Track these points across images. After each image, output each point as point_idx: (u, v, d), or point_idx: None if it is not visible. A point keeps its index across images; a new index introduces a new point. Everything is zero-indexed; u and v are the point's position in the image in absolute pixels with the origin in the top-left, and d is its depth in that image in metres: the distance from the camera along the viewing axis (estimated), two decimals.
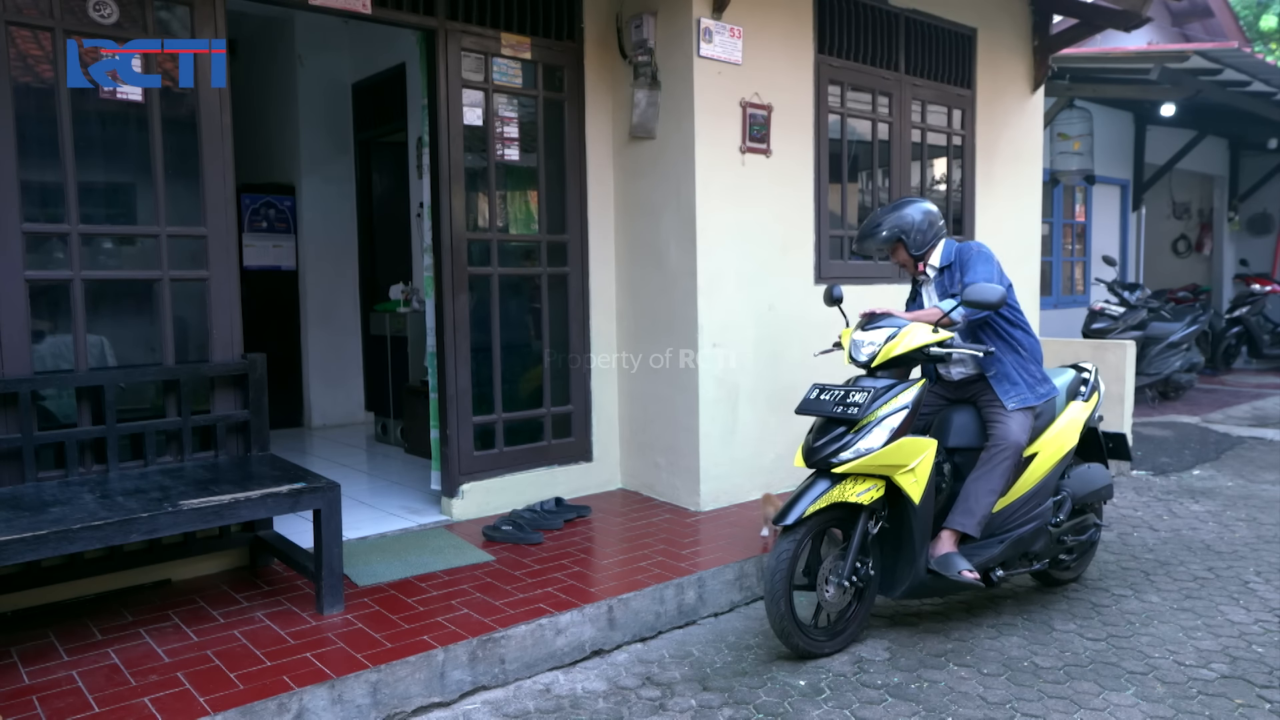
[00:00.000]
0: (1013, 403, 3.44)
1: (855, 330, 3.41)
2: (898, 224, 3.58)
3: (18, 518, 2.77)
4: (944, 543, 3.36)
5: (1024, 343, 3.55)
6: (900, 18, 5.37)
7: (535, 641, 3.14)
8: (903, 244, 3.59)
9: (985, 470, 3.37)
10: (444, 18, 4.20)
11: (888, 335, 3.28)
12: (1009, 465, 3.37)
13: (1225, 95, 8.51)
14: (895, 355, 3.26)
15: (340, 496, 3.24)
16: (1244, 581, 3.96)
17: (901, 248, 3.61)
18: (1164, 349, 8.47)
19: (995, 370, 3.49)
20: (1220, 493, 5.53)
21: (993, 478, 3.35)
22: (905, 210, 3.62)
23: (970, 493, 3.36)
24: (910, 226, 3.58)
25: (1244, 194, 12.38)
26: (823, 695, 2.96)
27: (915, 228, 3.57)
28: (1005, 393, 3.45)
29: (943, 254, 3.62)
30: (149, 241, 3.50)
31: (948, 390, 3.66)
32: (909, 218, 3.59)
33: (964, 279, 3.46)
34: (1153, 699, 2.92)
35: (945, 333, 3.32)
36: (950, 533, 3.36)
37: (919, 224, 3.58)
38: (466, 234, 4.36)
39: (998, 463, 3.36)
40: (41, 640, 3.02)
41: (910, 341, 3.26)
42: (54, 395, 3.45)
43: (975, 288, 3.23)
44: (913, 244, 3.58)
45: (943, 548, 3.35)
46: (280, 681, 2.69)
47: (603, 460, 4.91)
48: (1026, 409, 3.45)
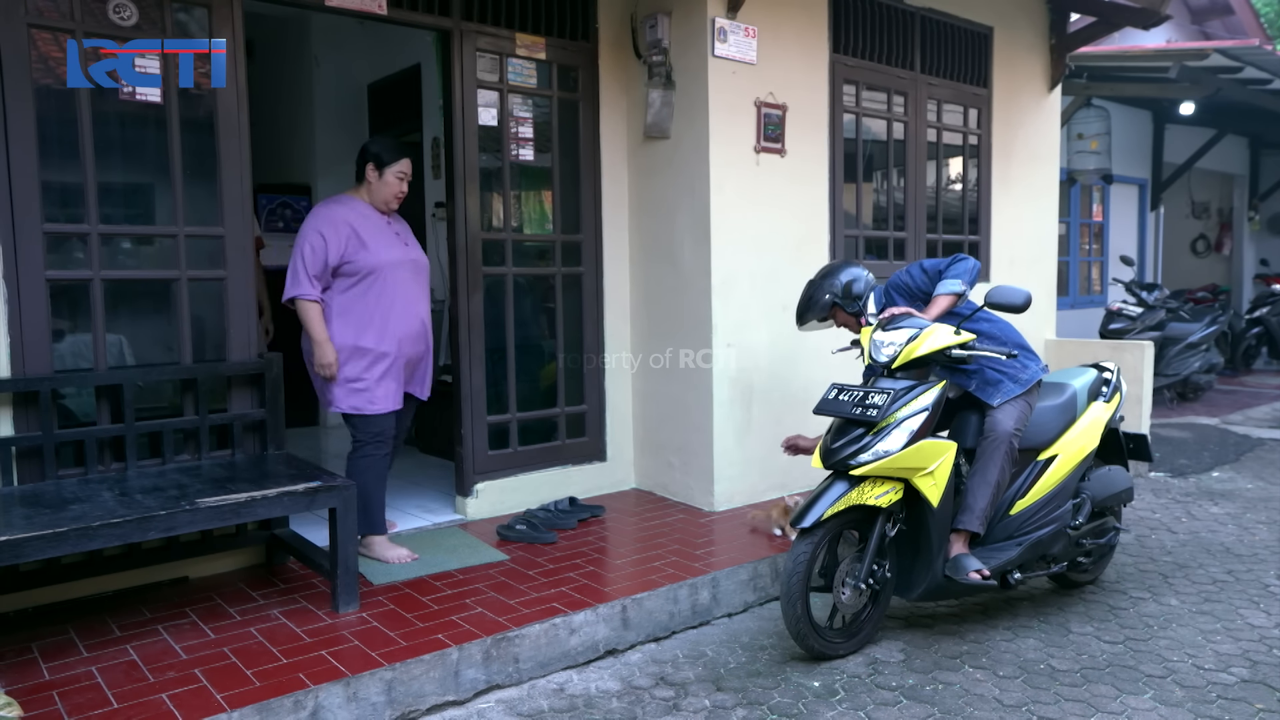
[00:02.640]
0: (997, 399, 3.42)
1: (875, 330, 3.37)
2: (829, 290, 3.63)
3: (38, 515, 2.80)
4: (954, 544, 3.34)
5: (991, 334, 3.49)
6: (916, 17, 5.35)
7: (549, 641, 3.14)
8: (838, 307, 3.63)
9: (979, 465, 3.36)
10: (459, 18, 4.21)
11: (909, 336, 3.23)
12: (1002, 456, 3.33)
13: (1245, 93, 8.42)
14: (916, 357, 3.21)
15: (356, 495, 3.26)
16: (1264, 585, 3.92)
17: (839, 310, 3.65)
18: (1182, 350, 8.39)
19: (975, 381, 3.47)
20: (1240, 495, 5.48)
21: (987, 471, 3.33)
22: (832, 278, 3.66)
23: (968, 489, 3.35)
24: (839, 290, 3.62)
25: (1264, 193, 12.25)
26: (837, 696, 2.95)
27: (845, 290, 3.61)
28: (989, 396, 3.43)
29: (875, 299, 3.63)
30: (167, 241, 3.53)
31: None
32: (837, 283, 3.63)
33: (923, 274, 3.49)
34: (1171, 703, 2.89)
35: (967, 334, 3.27)
36: (958, 534, 3.35)
37: (846, 286, 3.61)
38: (481, 234, 4.38)
39: (989, 455, 3.34)
40: (62, 636, 3.05)
41: (932, 343, 3.21)
42: (74, 394, 3.49)
43: (1000, 290, 3.22)
44: (847, 305, 3.62)
45: (953, 549, 3.33)
46: (296, 679, 2.71)
47: (616, 460, 4.92)
48: (1012, 399, 3.42)
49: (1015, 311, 3.21)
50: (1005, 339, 3.50)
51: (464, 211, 4.30)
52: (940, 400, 3.21)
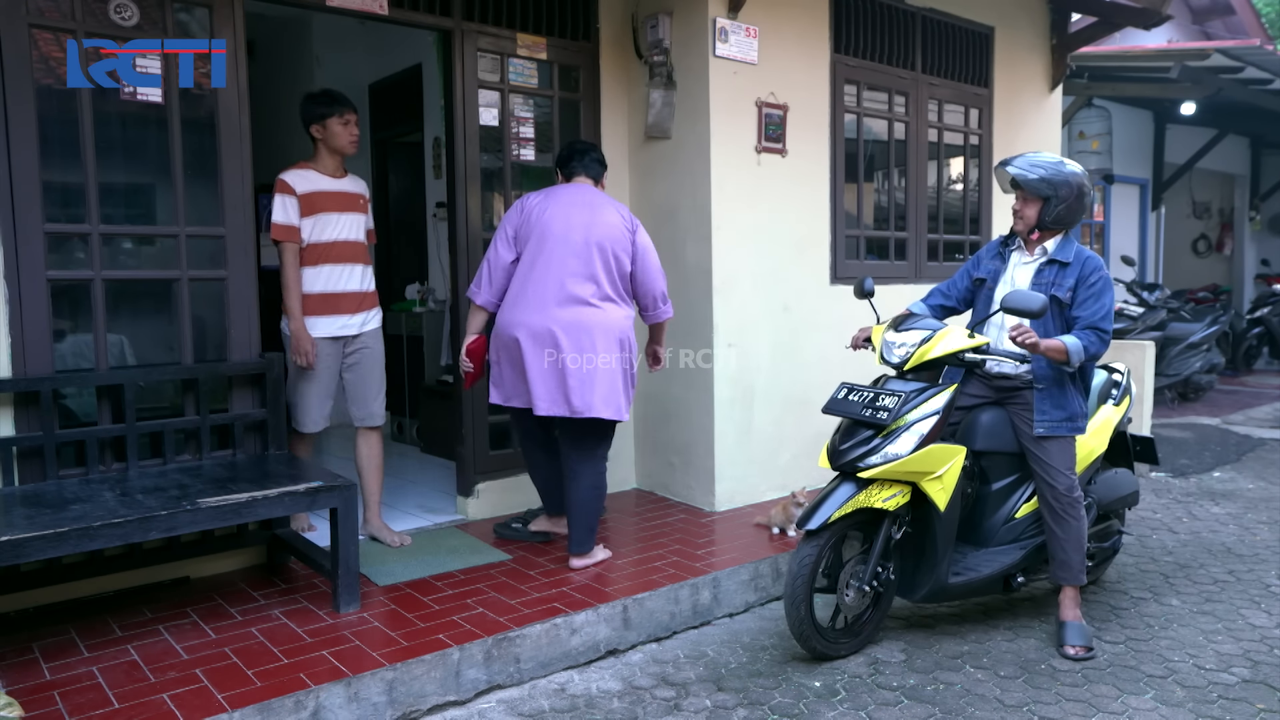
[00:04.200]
0: (1042, 428, 3.23)
1: (888, 330, 3.32)
2: (1056, 179, 3.22)
3: (39, 515, 2.80)
4: (1065, 608, 3.32)
5: (1090, 374, 3.38)
6: (917, 17, 5.35)
7: (550, 641, 3.14)
8: (1044, 202, 3.24)
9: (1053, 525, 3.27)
10: (460, 18, 4.21)
11: (922, 338, 3.18)
12: (1073, 510, 3.24)
13: (1247, 93, 8.42)
14: (929, 359, 3.17)
15: (357, 495, 3.25)
16: (1265, 585, 3.92)
17: (1038, 205, 3.25)
18: (1184, 350, 8.38)
19: (1044, 387, 3.24)
20: (1241, 495, 5.47)
21: (1063, 527, 3.25)
22: (1069, 174, 3.24)
23: (1054, 548, 3.29)
24: (1067, 193, 3.22)
25: (1265, 193, 12.24)
26: (838, 696, 2.95)
27: (1068, 198, 3.22)
28: (1043, 413, 3.23)
29: (1061, 246, 3.28)
30: (168, 241, 3.53)
31: (981, 387, 3.44)
32: (1070, 183, 3.22)
33: (1086, 306, 3.18)
34: (1172, 703, 2.89)
35: (981, 339, 3.22)
36: (1069, 592, 3.33)
37: (1073, 197, 3.23)
38: (483, 233, 4.37)
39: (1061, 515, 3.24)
40: (63, 636, 3.05)
41: (946, 346, 3.16)
42: (75, 394, 3.49)
43: (1016, 294, 3.07)
44: (1050, 212, 3.24)
45: (1065, 614, 3.31)
46: (297, 679, 2.71)
47: (618, 460, 4.90)
48: (1061, 440, 3.25)
49: (1032, 317, 3.07)
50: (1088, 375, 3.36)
51: (465, 211, 4.30)
52: (951, 404, 3.17)
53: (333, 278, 3.77)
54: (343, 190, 3.83)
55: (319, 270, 3.74)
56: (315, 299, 3.74)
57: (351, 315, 3.84)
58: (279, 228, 3.67)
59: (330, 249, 3.76)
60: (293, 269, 3.68)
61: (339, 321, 3.80)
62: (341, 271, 3.79)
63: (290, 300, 3.68)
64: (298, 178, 3.73)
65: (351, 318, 3.84)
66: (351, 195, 3.86)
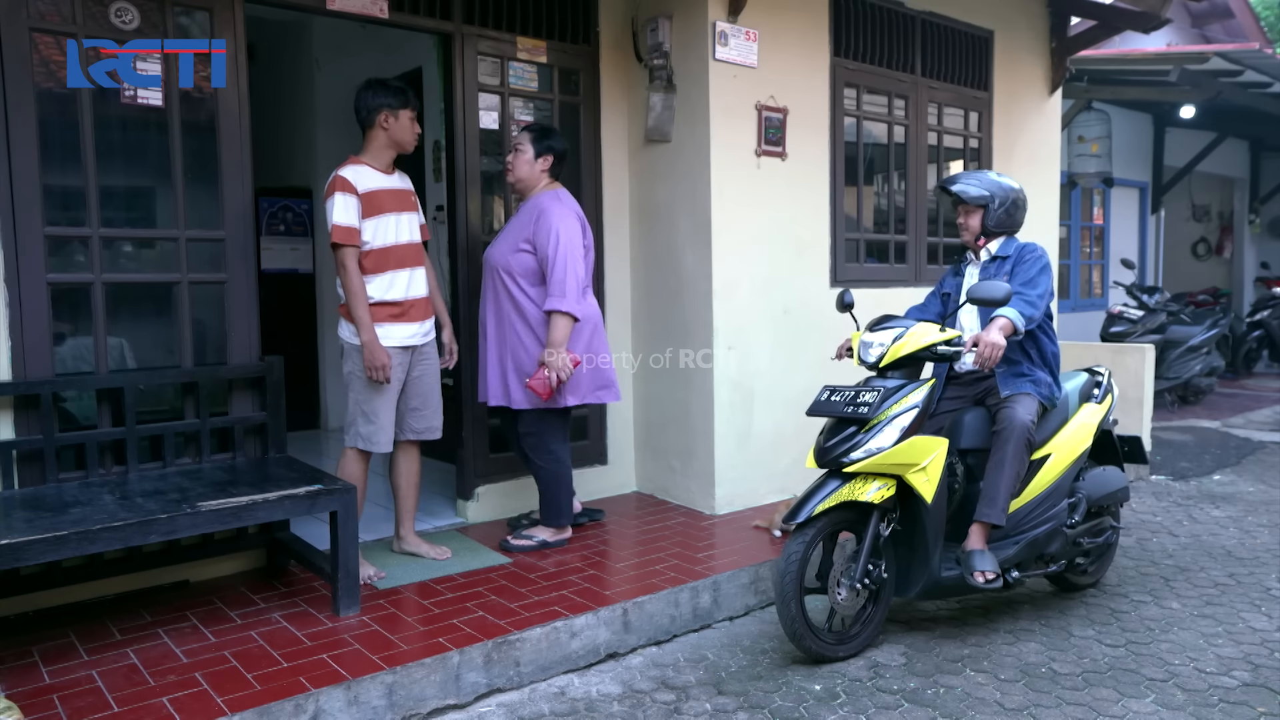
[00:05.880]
0: (1007, 390, 3.47)
1: (864, 332, 3.42)
2: (992, 187, 3.60)
3: (39, 518, 2.80)
4: (973, 538, 3.35)
5: (1047, 350, 3.57)
6: (917, 20, 5.36)
7: (550, 644, 3.14)
8: (984, 210, 3.59)
9: (996, 457, 3.36)
10: (460, 22, 4.21)
11: (895, 335, 3.29)
12: (1019, 445, 3.33)
13: (1246, 97, 8.43)
14: (903, 355, 3.26)
15: (357, 498, 3.25)
16: (1266, 588, 3.92)
17: (979, 213, 3.61)
18: (1184, 353, 8.38)
19: (1004, 369, 3.50)
20: (1241, 498, 5.47)
21: (1004, 461, 3.33)
22: (1004, 183, 3.64)
23: (986, 482, 3.36)
24: (1004, 197, 3.59)
25: (1265, 196, 12.25)
26: (838, 700, 2.94)
27: (1005, 202, 3.59)
28: (1005, 385, 3.50)
29: (1004, 245, 3.63)
30: (168, 245, 3.54)
31: (960, 389, 3.65)
32: (1005, 189, 3.61)
33: (1017, 280, 3.45)
34: (1173, 706, 2.89)
35: (952, 331, 3.34)
36: (978, 527, 3.35)
37: (1009, 201, 3.60)
38: (483, 237, 4.38)
39: (1006, 445, 3.34)
40: (62, 640, 3.05)
41: (917, 341, 3.26)
42: (75, 397, 3.49)
43: (982, 285, 3.25)
44: (991, 216, 3.59)
45: (970, 544, 3.34)
46: (297, 683, 2.71)
47: (617, 463, 4.91)
48: (1025, 394, 3.44)
49: (996, 305, 3.22)
50: (1051, 361, 3.56)
51: (465, 214, 4.30)
52: (931, 397, 3.26)
53: (396, 284, 3.54)
54: (398, 188, 3.60)
55: (382, 277, 3.51)
56: (382, 307, 3.50)
57: (421, 323, 3.64)
58: (340, 229, 3.40)
59: (391, 253, 3.53)
60: (356, 274, 3.42)
61: (409, 330, 3.58)
62: (406, 277, 3.57)
63: (358, 308, 3.42)
64: (356, 174, 3.46)
65: (421, 325, 3.64)
66: (405, 193, 3.64)
